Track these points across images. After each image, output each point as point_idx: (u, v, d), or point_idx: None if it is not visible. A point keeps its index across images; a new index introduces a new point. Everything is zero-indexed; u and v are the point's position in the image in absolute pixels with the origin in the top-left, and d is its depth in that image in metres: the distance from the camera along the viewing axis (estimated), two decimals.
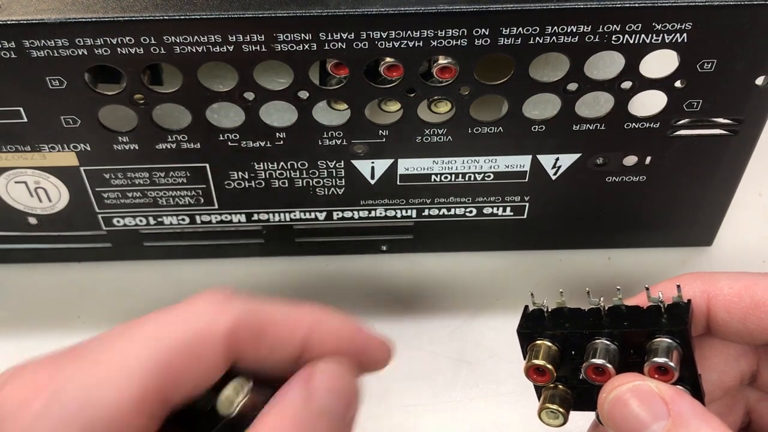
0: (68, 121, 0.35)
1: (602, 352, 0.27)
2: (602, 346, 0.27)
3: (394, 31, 0.31)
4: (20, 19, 0.31)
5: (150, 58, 0.32)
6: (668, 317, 0.27)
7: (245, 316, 0.24)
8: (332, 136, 0.36)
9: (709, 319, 0.28)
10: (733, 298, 0.28)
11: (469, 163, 0.38)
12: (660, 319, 0.27)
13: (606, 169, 0.38)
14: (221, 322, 0.24)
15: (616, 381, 0.26)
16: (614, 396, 0.26)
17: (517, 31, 0.31)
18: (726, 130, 0.36)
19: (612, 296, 0.28)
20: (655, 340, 0.26)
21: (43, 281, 0.43)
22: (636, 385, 0.26)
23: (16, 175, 0.37)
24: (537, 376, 0.28)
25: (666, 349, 0.26)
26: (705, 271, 0.29)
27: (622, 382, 0.26)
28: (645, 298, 0.27)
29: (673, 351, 0.26)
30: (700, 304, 0.28)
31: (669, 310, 0.27)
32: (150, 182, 0.38)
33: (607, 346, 0.27)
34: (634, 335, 0.27)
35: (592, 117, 0.36)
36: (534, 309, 0.29)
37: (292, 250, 0.43)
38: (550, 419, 0.28)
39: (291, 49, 0.32)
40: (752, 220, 0.45)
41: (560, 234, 0.42)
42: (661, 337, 0.26)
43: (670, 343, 0.26)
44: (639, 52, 0.32)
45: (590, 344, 0.27)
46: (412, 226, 0.41)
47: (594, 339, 0.27)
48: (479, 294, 0.42)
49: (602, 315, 0.28)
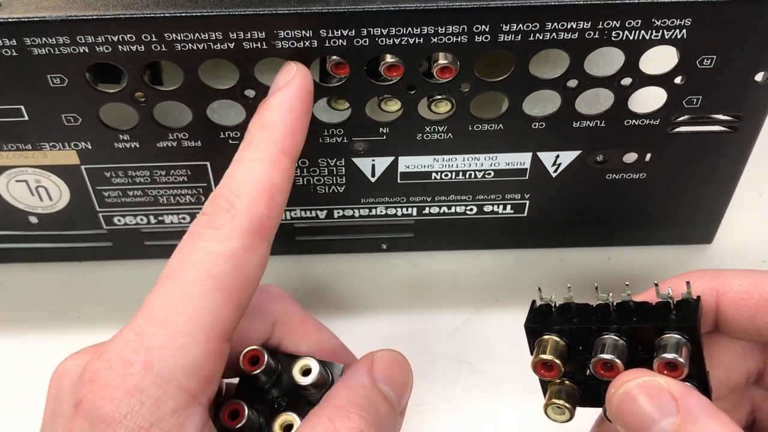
0: (69, 120, 0.35)
1: (611, 347, 0.27)
2: (611, 341, 0.27)
3: (394, 28, 0.31)
4: (21, 16, 0.31)
5: (151, 56, 0.32)
6: (677, 313, 0.27)
7: (257, 221, 0.27)
8: (333, 133, 0.36)
9: (718, 316, 0.28)
10: (742, 295, 0.28)
11: (470, 160, 0.38)
12: (669, 315, 0.27)
13: (606, 166, 0.38)
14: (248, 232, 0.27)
15: (625, 376, 0.26)
16: (623, 391, 0.26)
17: (518, 28, 0.31)
18: (726, 127, 0.36)
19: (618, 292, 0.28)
20: (665, 336, 0.26)
21: (43, 281, 0.43)
22: (645, 381, 0.26)
23: (16, 174, 0.37)
24: (544, 371, 0.28)
25: (675, 345, 0.26)
26: (714, 268, 0.29)
27: (631, 377, 0.26)
28: (653, 294, 0.27)
29: (682, 347, 0.26)
30: (708, 300, 0.28)
31: (678, 306, 0.27)
32: (151, 181, 0.38)
33: (615, 341, 0.27)
34: (643, 331, 0.27)
35: (592, 114, 0.36)
36: (541, 304, 0.29)
37: (292, 249, 0.43)
38: (557, 415, 0.28)
39: (292, 46, 0.32)
40: (752, 220, 0.45)
41: (560, 232, 0.42)
42: (671, 333, 0.26)
43: (680, 339, 0.26)
44: (639, 49, 0.32)
45: (598, 340, 0.27)
46: (412, 224, 0.41)
47: (602, 334, 0.27)
48: (479, 293, 0.42)
49: (611, 310, 0.27)
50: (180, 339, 0.25)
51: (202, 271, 0.26)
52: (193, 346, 0.25)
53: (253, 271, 0.27)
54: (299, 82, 0.30)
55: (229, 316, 0.26)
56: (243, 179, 0.28)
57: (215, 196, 0.28)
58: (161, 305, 0.26)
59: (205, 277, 0.26)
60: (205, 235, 0.27)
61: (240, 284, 0.27)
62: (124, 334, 0.26)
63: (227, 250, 0.27)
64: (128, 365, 0.25)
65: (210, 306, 0.26)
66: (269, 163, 0.28)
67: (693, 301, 0.27)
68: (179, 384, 0.25)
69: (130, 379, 0.25)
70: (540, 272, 0.43)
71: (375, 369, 0.29)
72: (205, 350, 0.26)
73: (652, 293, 0.27)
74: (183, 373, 0.25)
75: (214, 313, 0.26)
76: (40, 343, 0.41)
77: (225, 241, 0.27)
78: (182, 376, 0.25)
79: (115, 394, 0.25)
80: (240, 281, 0.27)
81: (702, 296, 0.27)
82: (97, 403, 0.25)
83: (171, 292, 0.26)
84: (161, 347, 0.25)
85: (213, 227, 0.27)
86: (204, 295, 0.26)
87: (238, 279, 0.27)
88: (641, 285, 0.29)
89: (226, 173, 0.29)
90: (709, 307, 0.28)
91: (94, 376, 0.25)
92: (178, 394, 0.25)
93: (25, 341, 0.41)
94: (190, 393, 0.25)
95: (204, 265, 0.26)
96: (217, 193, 0.28)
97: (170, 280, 0.26)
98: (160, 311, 0.26)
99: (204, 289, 0.26)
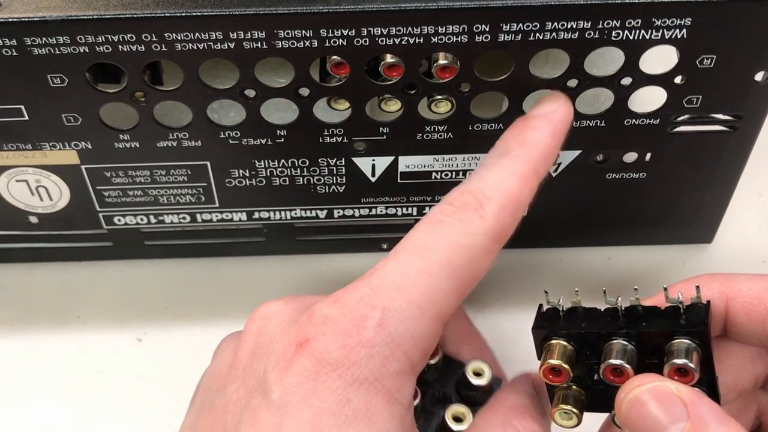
0: (69, 119, 0.35)
1: (620, 352, 0.26)
2: (620, 346, 0.27)
3: (394, 28, 0.31)
4: (21, 16, 0.31)
5: (151, 56, 0.32)
6: (687, 318, 0.26)
7: (500, 219, 0.29)
8: (333, 133, 0.36)
9: (727, 321, 0.28)
10: (752, 300, 0.28)
11: (470, 160, 0.38)
12: (679, 320, 0.26)
13: (606, 166, 0.38)
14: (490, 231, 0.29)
15: (635, 382, 0.26)
16: (632, 397, 0.25)
17: (518, 28, 0.31)
18: (726, 127, 0.36)
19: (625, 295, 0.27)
20: (675, 341, 0.26)
21: (43, 280, 0.43)
22: (655, 386, 0.25)
23: (17, 173, 0.37)
24: (553, 376, 0.28)
25: (686, 350, 0.26)
26: (723, 273, 0.29)
27: (641, 382, 0.26)
28: (662, 298, 0.27)
29: (692, 352, 0.26)
30: (718, 305, 0.28)
31: (688, 311, 0.26)
32: (151, 180, 0.38)
33: (624, 346, 0.27)
34: (652, 336, 0.26)
35: (592, 114, 0.36)
36: (548, 308, 0.28)
37: (292, 249, 0.43)
38: (564, 420, 0.28)
39: (292, 46, 0.32)
40: (752, 221, 0.45)
41: (560, 232, 0.42)
42: (681, 338, 0.26)
43: (690, 345, 0.26)
44: (639, 48, 0.32)
45: (607, 345, 0.27)
46: (412, 224, 0.41)
47: (611, 339, 0.27)
48: (479, 293, 0.42)
49: (619, 315, 0.27)
50: (414, 310, 0.26)
51: (444, 256, 0.27)
52: (423, 321, 0.26)
53: (482, 271, 0.28)
54: (565, 113, 0.31)
55: (452, 304, 0.28)
56: (496, 186, 0.29)
57: (464, 192, 0.29)
58: (400, 273, 0.27)
59: (446, 263, 0.27)
60: (452, 225, 0.28)
61: (469, 279, 0.28)
62: (358, 287, 0.27)
63: (471, 245, 0.28)
64: (364, 318, 0.26)
65: (444, 289, 0.27)
66: (523, 179, 0.30)
67: (702, 306, 0.27)
68: (405, 351, 0.26)
69: (364, 332, 0.26)
70: (540, 272, 0.43)
71: (534, 381, 0.32)
72: (430, 327, 0.27)
73: (660, 297, 0.27)
74: (410, 342, 0.26)
75: (445, 298, 0.27)
76: (40, 343, 0.41)
77: (470, 236, 0.28)
78: (409, 345, 0.26)
79: (348, 342, 0.26)
80: (470, 277, 0.28)
81: (711, 301, 0.27)
82: (327, 345, 0.26)
83: (411, 264, 0.27)
84: (397, 311, 0.26)
85: (460, 220, 0.28)
86: (442, 278, 0.27)
87: (471, 274, 0.28)
88: (642, 284, 0.29)
89: (476, 174, 0.30)
90: (718, 311, 0.28)
91: (327, 319, 0.26)
92: (402, 359, 0.26)
93: (25, 341, 0.41)
94: (411, 362, 0.26)
95: (447, 251, 0.27)
96: (466, 190, 0.29)
97: (412, 254, 0.27)
98: (398, 278, 0.27)
99: (443, 273, 0.27)
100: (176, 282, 0.43)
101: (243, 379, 0.27)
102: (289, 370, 0.26)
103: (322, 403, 0.25)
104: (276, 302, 0.29)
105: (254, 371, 0.27)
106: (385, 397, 0.26)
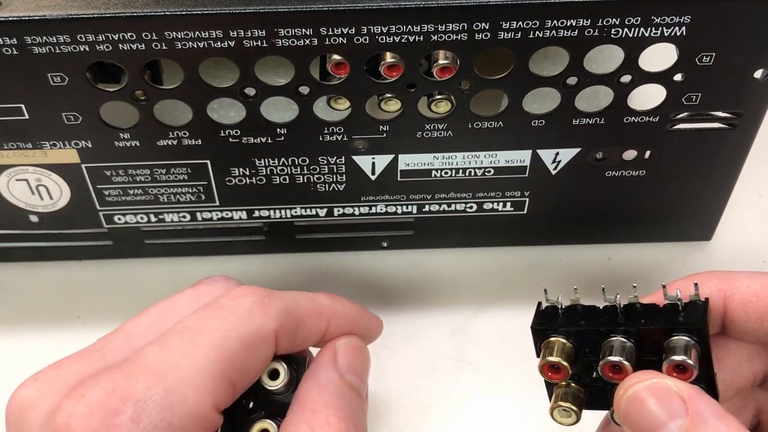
0: (69, 118, 0.35)
1: (619, 349, 0.27)
2: (618, 343, 0.27)
3: (394, 26, 0.31)
4: (22, 15, 0.31)
5: (151, 54, 0.32)
6: (686, 315, 0.26)
7: (285, 316, 0.27)
8: (333, 131, 0.36)
9: (725, 319, 0.28)
10: (751, 297, 0.28)
11: (470, 158, 0.38)
12: (677, 317, 0.26)
13: (605, 163, 0.38)
14: (271, 324, 0.27)
15: (634, 378, 0.26)
16: (631, 393, 0.25)
17: (517, 25, 0.31)
18: (725, 124, 0.37)
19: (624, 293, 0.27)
20: (674, 338, 0.26)
21: (43, 280, 0.43)
22: (654, 383, 0.25)
23: (17, 172, 0.37)
24: (552, 373, 0.28)
25: (684, 347, 0.26)
26: (721, 270, 0.29)
27: (640, 379, 0.26)
28: (661, 295, 0.27)
29: (691, 349, 0.26)
30: (716, 302, 0.28)
31: (686, 308, 0.26)
32: (151, 179, 0.38)
33: (623, 343, 0.27)
34: (651, 333, 0.26)
35: (591, 111, 0.36)
36: (547, 306, 0.28)
37: (292, 247, 0.43)
38: (563, 417, 0.28)
39: (292, 44, 0.32)
40: (752, 220, 0.45)
41: (560, 229, 0.42)
42: (679, 335, 0.26)
43: (689, 341, 0.26)
44: (638, 46, 0.33)
45: (606, 342, 0.27)
46: (412, 222, 0.41)
47: (610, 336, 0.27)
48: (480, 292, 0.42)
49: (618, 312, 0.27)
50: (172, 396, 0.24)
51: (215, 339, 0.26)
52: (184, 407, 0.24)
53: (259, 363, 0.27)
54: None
55: (225, 391, 0.26)
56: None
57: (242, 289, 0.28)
58: (162, 358, 0.25)
59: (217, 348, 0.25)
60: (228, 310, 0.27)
61: (244, 366, 0.26)
62: (112, 376, 0.25)
63: (244, 330, 0.26)
64: (114, 414, 0.24)
65: (212, 372, 0.25)
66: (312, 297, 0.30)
67: (701, 303, 0.27)
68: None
69: (115, 430, 0.23)
70: (540, 269, 0.43)
71: (339, 361, 0.29)
72: (195, 414, 0.25)
73: (659, 295, 0.27)
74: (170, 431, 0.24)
75: (213, 381, 0.25)
76: (40, 342, 0.41)
77: (245, 322, 0.26)
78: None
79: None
80: (245, 364, 0.26)
81: (710, 298, 0.27)
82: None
83: (176, 348, 0.25)
84: (152, 402, 0.24)
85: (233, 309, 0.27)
86: (209, 362, 0.25)
87: (245, 360, 0.26)
88: (640, 282, 0.29)
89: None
90: (716, 309, 0.28)
91: (71, 420, 0.24)
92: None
93: (25, 341, 0.41)
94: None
95: (218, 335, 0.26)
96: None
97: (180, 337, 0.26)
98: (159, 363, 0.25)
99: (211, 356, 0.25)
100: (176, 281, 0.43)
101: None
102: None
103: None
104: (28, 386, 0.26)
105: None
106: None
